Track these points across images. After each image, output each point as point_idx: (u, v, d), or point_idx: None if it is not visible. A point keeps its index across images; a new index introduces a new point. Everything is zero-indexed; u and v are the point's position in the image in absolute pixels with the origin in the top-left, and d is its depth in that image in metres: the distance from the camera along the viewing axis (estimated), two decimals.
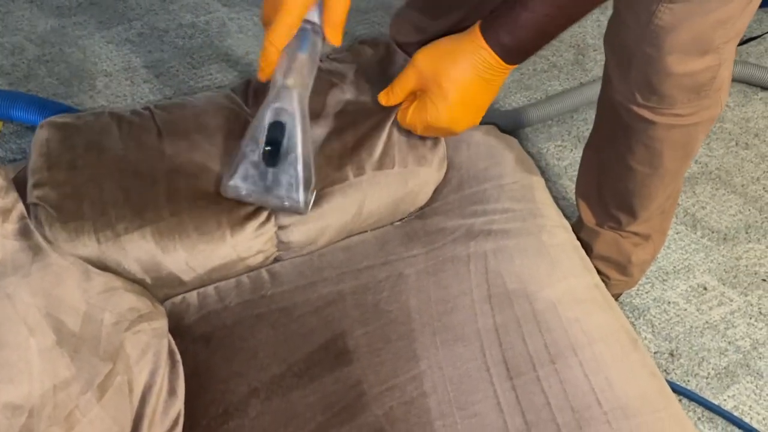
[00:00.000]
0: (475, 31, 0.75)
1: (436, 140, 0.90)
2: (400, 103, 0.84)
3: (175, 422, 0.75)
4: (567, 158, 1.55)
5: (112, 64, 1.69)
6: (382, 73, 0.89)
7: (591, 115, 1.63)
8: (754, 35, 1.80)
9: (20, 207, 0.74)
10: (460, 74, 0.75)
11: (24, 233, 0.72)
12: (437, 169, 0.92)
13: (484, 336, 0.81)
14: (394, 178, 0.88)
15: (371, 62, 0.90)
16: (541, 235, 0.90)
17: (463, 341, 0.81)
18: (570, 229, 0.96)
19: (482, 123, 1.01)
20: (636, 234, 1.18)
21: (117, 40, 1.75)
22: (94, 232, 0.76)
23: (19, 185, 0.78)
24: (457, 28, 1.16)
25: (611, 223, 1.18)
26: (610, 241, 1.19)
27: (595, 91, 1.62)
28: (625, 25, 0.95)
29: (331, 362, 0.79)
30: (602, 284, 0.91)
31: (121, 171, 0.77)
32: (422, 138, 0.88)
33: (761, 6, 1.73)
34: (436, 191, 0.94)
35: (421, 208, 0.94)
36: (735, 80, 1.70)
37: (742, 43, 1.78)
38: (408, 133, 0.87)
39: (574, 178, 1.26)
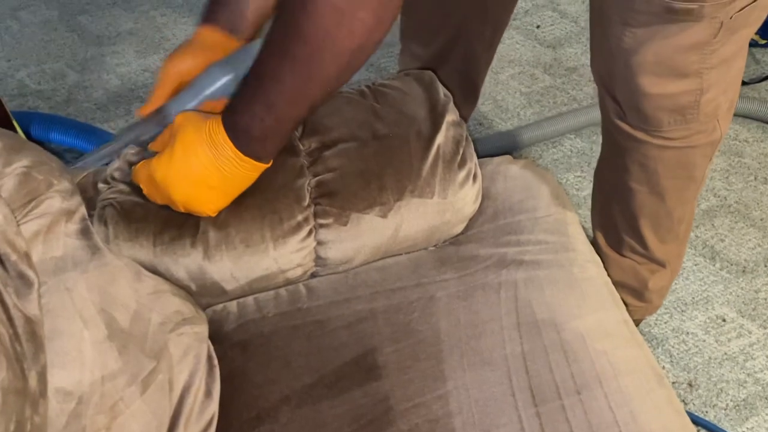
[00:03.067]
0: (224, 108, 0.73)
1: (474, 175, 0.94)
2: (445, 133, 0.88)
3: (210, 423, 0.78)
4: (586, 189, 1.58)
5: (147, 91, 1.75)
6: (424, 104, 0.93)
7: None
8: None
9: (83, 210, 0.79)
10: (192, 139, 0.72)
11: (84, 233, 0.77)
12: (473, 202, 0.95)
13: (511, 362, 0.83)
14: (432, 208, 0.91)
15: (414, 92, 0.94)
16: (572, 268, 0.92)
17: (491, 365, 0.83)
18: (601, 264, 0.97)
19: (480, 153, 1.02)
20: (651, 260, 1.18)
21: (153, 68, 1.82)
22: (153, 236, 0.81)
23: (82, 189, 0.83)
24: (445, 52, 1.21)
25: (624, 248, 1.19)
26: (626, 267, 1.19)
27: (587, 116, 1.66)
28: (600, 48, 1.01)
29: (360, 376, 0.82)
30: (631, 321, 0.92)
31: None
32: (461, 171, 0.91)
33: None
34: (472, 220, 0.97)
35: (456, 235, 0.97)
36: (749, 117, 1.71)
37: (762, 80, 1.79)
38: (449, 165, 0.90)
39: None
